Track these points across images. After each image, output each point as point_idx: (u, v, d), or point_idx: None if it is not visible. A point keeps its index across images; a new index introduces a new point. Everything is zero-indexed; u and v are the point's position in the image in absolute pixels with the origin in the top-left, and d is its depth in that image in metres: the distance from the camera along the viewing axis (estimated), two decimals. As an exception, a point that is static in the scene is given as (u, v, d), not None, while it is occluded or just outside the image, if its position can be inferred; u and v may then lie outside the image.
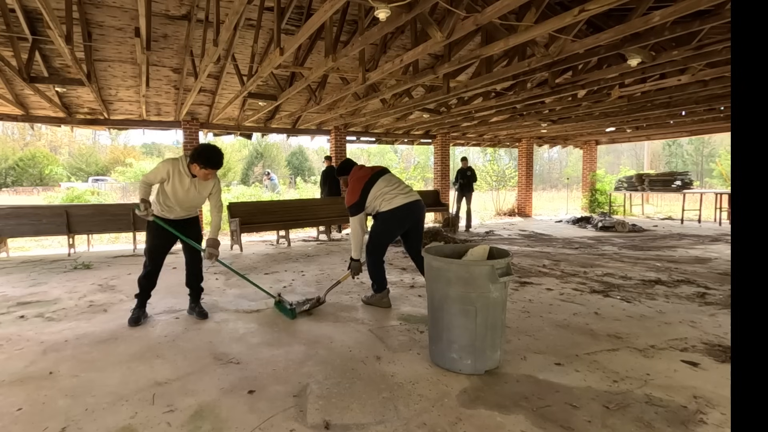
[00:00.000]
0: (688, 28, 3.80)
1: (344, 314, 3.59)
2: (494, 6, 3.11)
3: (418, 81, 5.46)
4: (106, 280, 4.97)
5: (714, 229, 9.14)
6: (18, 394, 2.27)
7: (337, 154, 10.33)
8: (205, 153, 3.19)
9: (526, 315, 3.49)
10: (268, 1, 4.67)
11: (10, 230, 6.61)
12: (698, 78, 5.51)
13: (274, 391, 2.27)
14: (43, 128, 30.58)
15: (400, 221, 3.61)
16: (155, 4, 4.77)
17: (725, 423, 1.92)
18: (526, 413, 2.02)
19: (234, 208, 7.56)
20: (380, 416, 2.01)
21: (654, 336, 2.98)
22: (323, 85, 7.02)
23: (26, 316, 3.65)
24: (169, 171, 3.25)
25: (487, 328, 2.39)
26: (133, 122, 8.55)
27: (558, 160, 43.70)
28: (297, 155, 41.38)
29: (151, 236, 3.47)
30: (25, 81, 5.37)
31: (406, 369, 2.52)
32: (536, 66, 4.73)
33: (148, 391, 2.28)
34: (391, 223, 3.63)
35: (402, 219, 3.60)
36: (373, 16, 4.05)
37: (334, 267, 5.57)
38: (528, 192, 13.33)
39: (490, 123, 9.82)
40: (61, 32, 3.67)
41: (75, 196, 14.58)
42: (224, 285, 4.67)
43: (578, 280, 4.68)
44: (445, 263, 2.43)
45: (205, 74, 5.16)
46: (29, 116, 7.70)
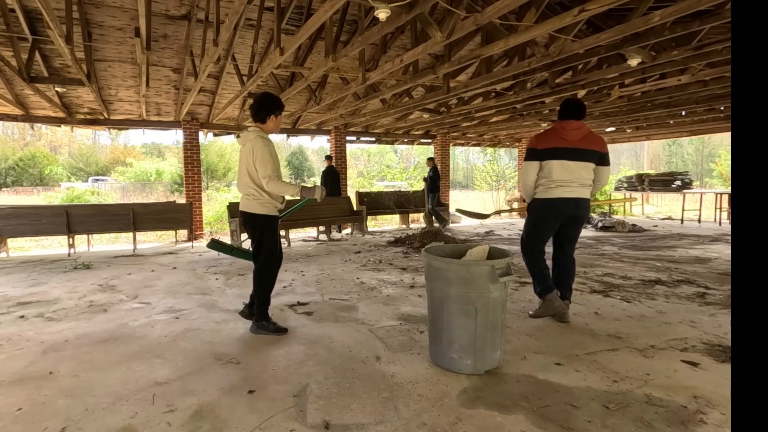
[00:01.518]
0: (688, 28, 3.80)
1: (344, 314, 3.59)
2: (494, 6, 3.11)
3: (418, 81, 5.46)
4: (106, 280, 4.97)
5: (714, 229, 9.13)
6: (18, 394, 2.27)
7: (337, 154, 10.34)
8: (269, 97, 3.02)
9: (526, 315, 3.49)
10: (268, 1, 4.67)
11: (10, 230, 6.61)
12: (698, 78, 5.51)
13: (274, 391, 2.27)
14: (43, 128, 30.57)
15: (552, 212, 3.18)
16: (155, 4, 4.77)
17: (725, 423, 1.92)
18: (526, 413, 2.02)
19: (234, 208, 7.56)
20: (380, 416, 2.01)
21: (654, 336, 2.98)
22: (323, 85, 7.02)
23: (26, 316, 3.65)
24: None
25: (487, 328, 2.39)
26: (133, 122, 8.55)
27: (558, 160, 43.63)
28: (297, 155, 41.41)
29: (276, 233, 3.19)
30: (25, 81, 5.37)
31: (406, 369, 2.52)
32: (536, 66, 4.73)
33: (148, 391, 2.28)
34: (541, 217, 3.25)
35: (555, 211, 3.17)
36: (373, 16, 4.05)
37: (334, 267, 5.57)
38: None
39: (490, 123, 9.82)
40: (61, 32, 3.67)
41: (75, 196, 14.60)
42: (224, 285, 4.67)
43: (578, 280, 4.67)
44: (445, 263, 2.43)
45: (205, 74, 5.16)
46: (29, 116, 7.71)
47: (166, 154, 34.28)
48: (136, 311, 3.74)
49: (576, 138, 3.09)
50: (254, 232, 3.05)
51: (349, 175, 11.73)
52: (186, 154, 8.84)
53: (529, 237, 3.34)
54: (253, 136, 2.97)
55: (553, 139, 3.13)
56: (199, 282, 4.84)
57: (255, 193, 2.99)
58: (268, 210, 3.04)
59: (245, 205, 3.05)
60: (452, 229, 9.59)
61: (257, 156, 2.90)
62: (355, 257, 6.28)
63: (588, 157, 3.11)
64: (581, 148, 3.09)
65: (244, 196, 3.06)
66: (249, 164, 2.96)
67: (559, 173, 3.09)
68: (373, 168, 29.45)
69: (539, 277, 3.28)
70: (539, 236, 3.31)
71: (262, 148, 2.90)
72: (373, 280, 4.78)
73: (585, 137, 3.11)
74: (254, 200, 3.00)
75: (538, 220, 3.29)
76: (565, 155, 3.08)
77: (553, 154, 3.09)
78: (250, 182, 2.98)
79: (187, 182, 8.87)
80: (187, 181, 8.87)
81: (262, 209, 3.01)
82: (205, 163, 23.93)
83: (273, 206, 3.06)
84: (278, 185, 2.93)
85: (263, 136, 2.98)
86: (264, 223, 3.03)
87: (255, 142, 2.92)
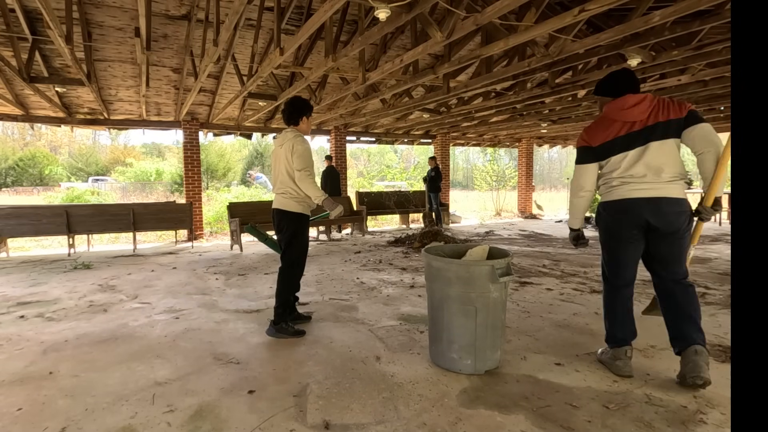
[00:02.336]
0: (688, 28, 3.80)
1: (344, 314, 3.59)
2: (494, 6, 3.11)
3: (418, 81, 5.46)
4: (106, 280, 4.97)
5: (714, 229, 9.13)
6: (18, 394, 2.27)
7: (337, 154, 10.33)
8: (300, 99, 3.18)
9: (526, 315, 3.49)
10: (268, 1, 4.67)
11: (10, 230, 6.61)
12: (698, 78, 5.51)
13: (274, 391, 2.27)
14: (43, 128, 30.59)
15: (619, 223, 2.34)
16: (155, 4, 4.77)
17: (725, 423, 1.92)
18: (526, 413, 2.02)
19: (234, 208, 7.56)
20: (380, 416, 2.01)
21: (654, 336, 2.98)
22: (323, 85, 7.02)
23: (26, 316, 3.65)
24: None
25: (487, 328, 2.39)
26: (133, 122, 8.55)
27: (558, 160, 43.71)
28: (297, 155, 41.29)
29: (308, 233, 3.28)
30: (25, 81, 5.37)
31: (406, 369, 2.52)
32: (536, 66, 4.73)
33: (148, 391, 2.28)
34: (606, 232, 2.45)
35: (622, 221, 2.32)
36: (373, 16, 4.05)
37: (334, 267, 5.57)
38: (528, 192, 13.33)
39: (490, 123, 9.82)
40: (61, 32, 3.67)
41: (75, 196, 14.60)
42: (224, 285, 4.67)
43: (578, 280, 4.68)
44: (445, 263, 2.43)
45: (205, 74, 5.16)
46: (29, 116, 7.71)
47: (166, 154, 34.28)
48: (136, 311, 3.74)
49: (641, 115, 2.27)
50: (287, 229, 3.09)
51: (349, 175, 11.73)
52: (186, 154, 8.84)
53: (605, 262, 2.50)
54: (292, 135, 3.06)
55: (611, 127, 2.33)
56: (199, 282, 4.84)
57: (292, 191, 3.05)
58: (303, 209, 3.10)
59: (280, 202, 3.10)
60: (452, 229, 9.59)
61: (296, 151, 2.98)
62: (355, 257, 6.28)
63: (665, 133, 2.21)
64: (651, 124, 2.24)
65: (279, 195, 3.12)
66: (288, 162, 3.02)
67: (623, 167, 2.30)
68: (373, 168, 29.48)
69: (607, 318, 2.51)
70: (612, 259, 2.44)
71: (302, 144, 3.02)
72: (373, 280, 4.78)
73: (653, 110, 2.26)
74: (291, 198, 3.06)
75: (603, 235, 2.47)
76: (632, 143, 2.26)
77: (616, 147, 2.31)
78: (288, 180, 3.04)
79: (187, 182, 8.87)
80: (187, 181, 8.87)
81: (298, 207, 3.07)
82: (205, 163, 23.95)
83: (308, 206, 3.12)
84: (309, 183, 2.99)
85: (301, 136, 3.09)
86: (298, 220, 3.10)
87: (294, 140, 3.02)
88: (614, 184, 2.33)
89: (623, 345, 2.41)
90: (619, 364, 2.40)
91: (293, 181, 3.02)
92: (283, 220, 3.09)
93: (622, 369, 2.39)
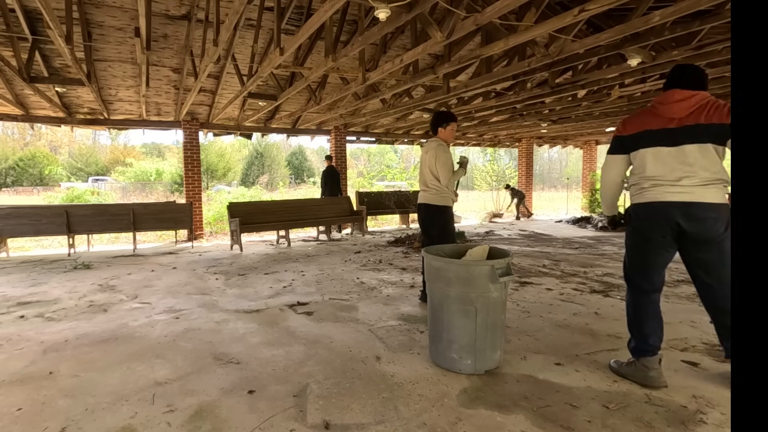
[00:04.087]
0: (688, 28, 3.80)
1: (344, 314, 3.59)
2: (494, 6, 3.11)
3: (418, 81, 5.46)
4: (106, 280, 4.97)
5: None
6: (18, 394, 2.27)
7: (337, 154, 10.33)
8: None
9: (526, 315, 3.49)
10: (268, 1, 4.67)
11: (10, 230, 6.61)
12: (698, 78, 5.50)
13: (274, 391, 2.27)
14: (43, 128, 30.57)
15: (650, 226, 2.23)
16: (155, 4, 4.77)
17: (725, 423, 1.92)
18: (526, 413, 2.02)
19: (234, 208, 7.56)
20: (380, 416, 2.01)
21: (654, 336, 2.98)
22: (323, 85, 7.02)
23: (26, 316, 3.65)
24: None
25: (487, 328, 2.39)
26: (133, 122, 8.55)
27: (558, 160, 43.71)
28: (297, 155, 41.39)
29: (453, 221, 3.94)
30: (25, 81, 5.37)
31: (406, 369, 2.52)
32: (536, 66, 4.73)
33: (148, 391, 2.28)
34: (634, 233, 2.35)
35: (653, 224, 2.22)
36: (373, 16, 4.05)
37: (334, 267, 5.57)
38: (528, 192, 13.33)
39: (490, 123, 9.82)
40: (61, 32, 3.67)
41: (75, 196, 14.60)
42: (224, 285, 4.67)
43: (578, 280, 4.68)
44: (445, 263, 2.43)
45: (205, 74, 5.16)
46: (29, 116, 7.71)
47: (166, 154, 34.29)
48: (136, 311, 3.74)
49: (681, 113, 2.12)
50: (434, 220, 3.71)
51: (349, 175, 11.73)
52: (186, 154, 8.84)
53: (629, 262, 2.41)
54: (435, 144, 3.66)
55: (647, 119, 2.23)
56: (199, 282, 4.84)
57: (436, 188, 3.66)
58: (446, 201, 3.70)
59: (426, 198, 3.72)
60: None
61: (440, 160, 3.60)
62: (355, 257, 6.28)
63: (700, 137, 2.07)
64: (689, 124, 2.10)
65: (424, 191, 3.74)
66: (432, 165, 3.63)
67: (653, 167, 2.18)
68: (373, 168, 29.45)
69: (634, 326, 2.37)
70: (639, 260, 2.34)
71: (444, 153, 3.61)
72: (373, 280, 4.78)
73: (696, 110, 2.10)
74: (436, 194, 3.67)
75: (631, 236, 2.38)
76: (662, 140, 2.15)
77: (645, 141, 2.20)
78: (432, 179, 3.66)
79: (187, 182, 8.87)
80: (187, 181, 8.87)
81: (441, 201, 3.67)
82: (205, 163, 23.96)
83: (450, 199, 3.72)
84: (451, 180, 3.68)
85: (442, 144, 3.66)
86: (444, 212, 3.70)
87: (437, 149, 3.62)
88: (645, 186, 2.22)
89: (656, 353, 2.28)
90: (654, 374, 2.25)
91: (437, 180, 3.63)
92: (428, 212, 3.72)
93: (657, 380, 2.24)
